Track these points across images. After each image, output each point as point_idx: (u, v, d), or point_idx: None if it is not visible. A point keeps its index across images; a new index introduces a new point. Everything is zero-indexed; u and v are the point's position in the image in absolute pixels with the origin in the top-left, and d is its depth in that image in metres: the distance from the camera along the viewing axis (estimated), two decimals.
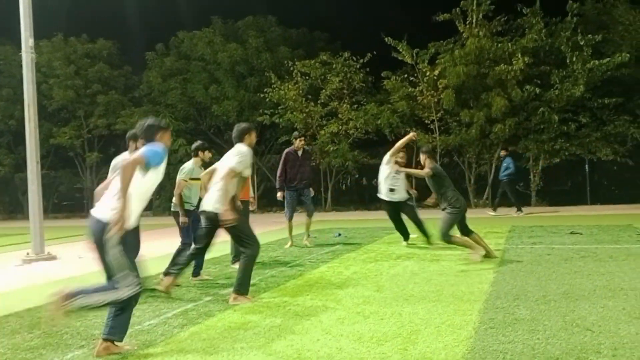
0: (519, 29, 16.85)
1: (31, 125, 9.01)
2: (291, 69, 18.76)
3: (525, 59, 15.48)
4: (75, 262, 8.28)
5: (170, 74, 21.84)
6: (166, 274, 5.36)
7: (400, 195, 8.03)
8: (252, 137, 5.15)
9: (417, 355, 3.22)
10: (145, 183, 3.49)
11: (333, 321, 4.04)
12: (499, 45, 16.18)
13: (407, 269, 6.17)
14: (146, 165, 3.43)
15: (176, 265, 5.36)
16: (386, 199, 8.04)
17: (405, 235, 8.34)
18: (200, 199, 5.57)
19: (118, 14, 30.00)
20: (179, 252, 5.80)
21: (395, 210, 8.16)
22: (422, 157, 6.91)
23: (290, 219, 8.79)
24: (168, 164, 3.64)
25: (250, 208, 6.92)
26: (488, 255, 6.48)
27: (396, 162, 7.89)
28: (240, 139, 5.06)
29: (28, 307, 4.96)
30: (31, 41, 9.08)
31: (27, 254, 8.72)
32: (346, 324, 3.96)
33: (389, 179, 7.93)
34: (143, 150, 3.49)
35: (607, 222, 10.75)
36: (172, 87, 21.32)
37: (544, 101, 15.87)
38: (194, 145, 6.33)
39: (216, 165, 5.21)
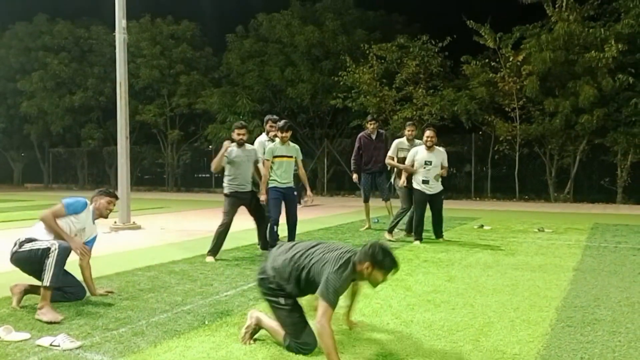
0: (614, 14, 15.67)
1: (122, 102, 9.59)
2: (367, 52, 18.60)
3: (619, 46, 14.40)
4: (157, 233, 8.81)
5: (248, 55, 22.36)
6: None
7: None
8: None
9: (489, 347, 3.18)
10: None
11: (403, 307, 4.06)
12: (591, 30, 15.16)
13: (480, 261, 6.04)
14: None
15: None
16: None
17: None
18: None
19: None
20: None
21: None
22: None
23: (366, 201, 8.85)
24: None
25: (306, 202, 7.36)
26: None
27: None
28: None
29: (117, 272, 5.35)
30: (124, 22, 9.59)
31: (115, 222, 9.35)
32: (417, 310, 3.96)
33: None
34: None
35: None
36: (249, 69, 21.82)
37: (638, 92, 14.77)
38: (281, 123, 6.32)
39: None
